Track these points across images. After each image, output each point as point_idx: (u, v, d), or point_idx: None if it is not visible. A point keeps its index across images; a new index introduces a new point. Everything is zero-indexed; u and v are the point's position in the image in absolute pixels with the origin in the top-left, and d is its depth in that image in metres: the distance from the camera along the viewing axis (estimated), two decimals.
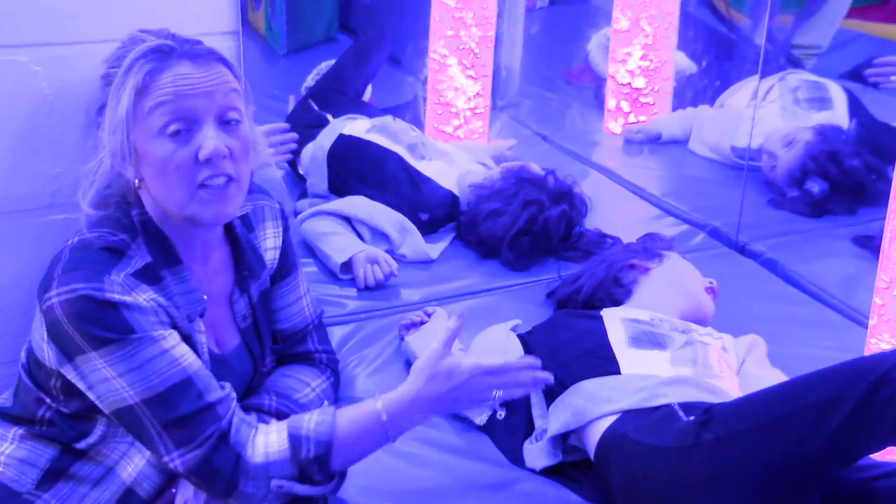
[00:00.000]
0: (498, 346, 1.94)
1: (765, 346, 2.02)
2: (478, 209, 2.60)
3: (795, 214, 2.91)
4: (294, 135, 2.69)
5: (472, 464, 1.77)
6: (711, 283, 2.13)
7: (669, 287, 2.09)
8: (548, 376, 1.60)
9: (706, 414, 1.56)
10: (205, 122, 1.47)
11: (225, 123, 1.49)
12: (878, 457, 1.65)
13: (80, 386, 1.48)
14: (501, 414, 1.60)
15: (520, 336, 1.97)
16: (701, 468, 1.53)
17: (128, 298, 1.44)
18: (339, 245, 2.46)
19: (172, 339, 1.48)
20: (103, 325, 1.42)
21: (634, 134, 3.48)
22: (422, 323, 2.11)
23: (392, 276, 2.41)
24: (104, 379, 1.44)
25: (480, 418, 1.85)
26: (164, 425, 1.45)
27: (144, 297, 1.47)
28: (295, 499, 1.51)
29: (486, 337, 1.99)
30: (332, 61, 3.33)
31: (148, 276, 1.50)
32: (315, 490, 1.51)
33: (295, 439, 1.49)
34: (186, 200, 1.48)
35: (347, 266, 2.41)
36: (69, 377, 1.50)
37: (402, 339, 2.11)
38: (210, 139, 1.46)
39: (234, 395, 1.53)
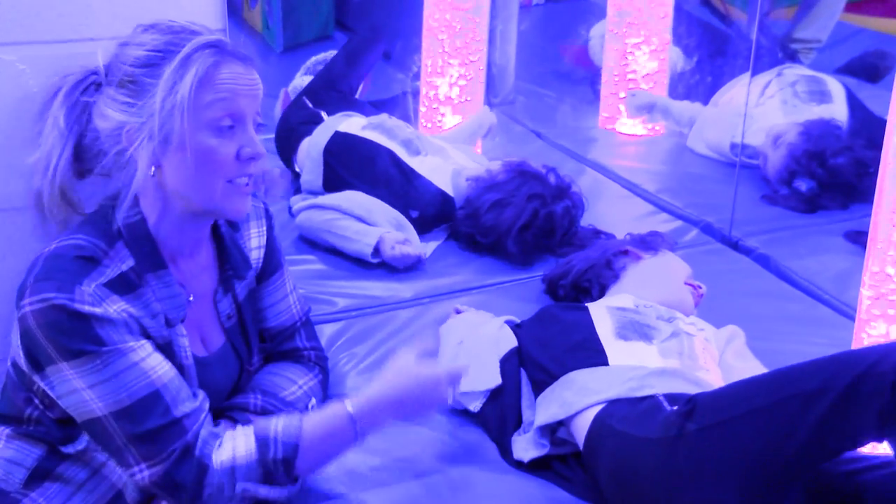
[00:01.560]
0: (490, 338, 1.94)
1: (743, 336, 2.02)
2: (479, 200, 2.57)
3: (788, 210, 2.91)
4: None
5: (461, 462, 1.76)
6: (700, 286, 2.12)
7: (657, 277, 2.09)
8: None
9: (689, 403, 1.56)
10: (248, 123, 1.51)
11: (257, 126, 1.53)
12: (864, 450, 1.65)
13: (51, 395, 1.49)
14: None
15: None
16: (685, 459, 1.53)
17: (98, 310, 1.44)
18: (357, 228, 2.47)
19: (143, 350, 1.48)
20: (74, 337, 1.43)
21: (632, 97, 3.48)
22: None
23: (420, 259, 2.45)
24: (73, 390, 1.45)
25: (474, 405, 1.85)
26: (129, 439, 1.46)
27: (115, 308, 1.47)
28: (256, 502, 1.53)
29: (478, 330, 1.99)
30: (322, 55, 3.34)
31: (122, 285, 1.50)
32: (279, 492, 1.52)
33: (262, 441, 1.51)
34: (216, 194, 1.51)
35: (376, 249, 2.44)
36: (40, 385, 1.50)
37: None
38: (255, 140, 1.51)
39: (206, 405, 1.54)
